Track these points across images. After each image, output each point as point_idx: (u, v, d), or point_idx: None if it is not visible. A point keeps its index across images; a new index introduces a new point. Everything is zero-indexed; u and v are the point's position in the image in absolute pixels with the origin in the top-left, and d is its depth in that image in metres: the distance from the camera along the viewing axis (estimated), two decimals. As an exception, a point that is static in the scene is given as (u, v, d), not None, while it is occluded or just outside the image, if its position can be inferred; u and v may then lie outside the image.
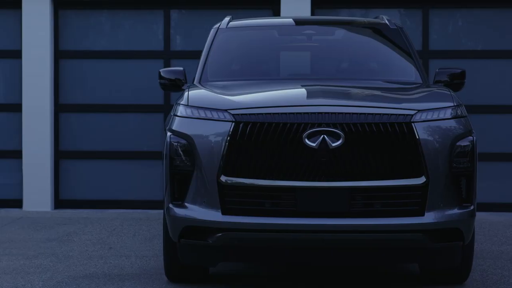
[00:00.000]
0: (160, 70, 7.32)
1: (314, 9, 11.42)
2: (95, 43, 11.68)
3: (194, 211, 5.88)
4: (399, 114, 5.79)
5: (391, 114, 5.78)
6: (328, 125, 5.70)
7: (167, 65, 11.51)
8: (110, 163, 11.70)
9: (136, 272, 7.04)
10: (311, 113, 5.74)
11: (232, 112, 5.84)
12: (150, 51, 11.63)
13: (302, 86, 6.50)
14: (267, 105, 5.85)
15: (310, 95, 6.11)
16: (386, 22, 7.67)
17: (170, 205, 5.99)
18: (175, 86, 7.16)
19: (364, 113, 5.76)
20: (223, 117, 5.85)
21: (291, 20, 7.99)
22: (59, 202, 11.62)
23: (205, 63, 7.30)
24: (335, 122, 5.70)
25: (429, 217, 5.76)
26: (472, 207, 5.93)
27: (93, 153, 11.67)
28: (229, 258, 6.11)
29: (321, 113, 5.74)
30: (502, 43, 11.49)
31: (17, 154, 11.51)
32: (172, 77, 7.21)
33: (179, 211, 5.94)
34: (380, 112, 5.78)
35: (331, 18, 8.61)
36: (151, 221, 10.06)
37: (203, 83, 7.03)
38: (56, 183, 11.61)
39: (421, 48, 11.45)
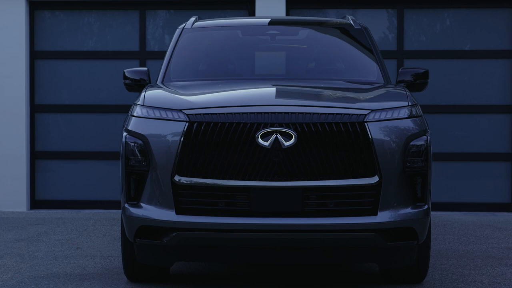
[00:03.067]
0: (125, 71, 7.33)
1: (289, 9, 11.46)
2: (70, 44, 11.69)
3: (149, 211, 5.89)
4: (352, 114, 5.80)
5: (344, 114, 5.79)
6: (281, 125, 5.71)
7: (143, 65, 11.55)
8: (87, 164, 11.71)
9: (98, 272, 7.05)
10: (264, 113, 5.75)
11: (186, 112, 5.85)
12: (126, 51, 11.66)
13: (259, 86, 6.53)
14: (221, 105, 5.86)
15: (264, 95, 6.13)
16: (351, 22, 7.69)
17: (126, 205, 6.01)
18: (140, 86, 7.17)
19: (317, 113, 5.77)
20: (177, 117, 5.86)
21: (256, 20, 8.00)
22: (35, 203, 11.64)
23: (168, 63, 7.33)
24: (288, 122, 5.71)
25: (382, 217, 5.77)
26: (426, 207, 5.93)
27: (70, 154, 11.68)
28: (185, 257, 6.11)
29: (274, 113, 5.75)
30: (481, 43, 11.53)
31: (-7, 155, 11.54)
32: (137, 78, 7.23)
33: (134, 211, 5.95)
34: (333, 112, 5.79)
35: (295, 18, 8.62)
36: (124, 221, 10.05)
37: (165, 83, 7.05)
38: (32, 183, 11.62)
39: (396, 48, 11.49)
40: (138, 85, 7.18)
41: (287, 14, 11.41)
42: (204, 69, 7.37)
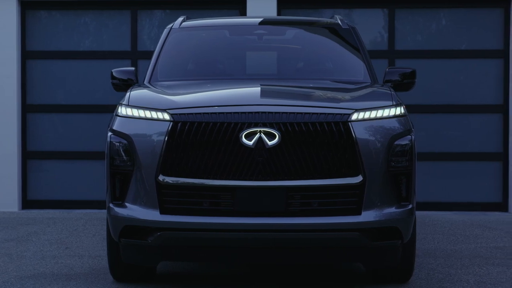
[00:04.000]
0: (112, 70, 7.34)
1: (280, 9, 11.46)
2: (62, 44, 11.70)
3: (134, 211, 5.89)
4: (336, 114, 5.80)
5: (328, 114, 5.79)
6: (264, 124, 5.70)
7: (134, 65, 11.54)
8: (79, 164, 11.72)
9: (85, 272, 7.05)
10: (248, 112, 5.75)
11: (171, 112, 5.85)
12: (118, 51, 11.67)
13: (244, 86, 6.53)
14: (205, 105, 5.87)
15: (248, 94, 6.13)
16: (339, 22, 7.69)
17: (111, 205, 6.01)
18: (128, 86, 7.16)
19: (301, 113, 5.76)
20: (161, 117, 5.86)
21: (243, 20, 8.01)
22: (27, 203, 11.64)
23: (155, 63, 7.33)
24: (272, 121, 5.71)
25: (366, 216, 5.77)
26: (410, 206, 5.93)
27: (62, 154, 11.69)
28: (170, 257, 6.12)
29: (258, 112, 5.75)
30: (474, 42, 11.54)
31: (-16, 155, 11.54)
32: (124, 77, 7.23)
33: (119, 210, 5.96)
34: (317, 112, 5.78)
35: (283, 18, 8.64)
36: (115, 221, 10.03)
37: (152, 83, 7.06)
38: (23, 183, 11.62)
39: (387, 48, 11.51)
40: (125, 85, 7.18)
41: (279, 14, 11.42)
42: (190, 69, 7.38)
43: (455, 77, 11.51)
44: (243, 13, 11.44)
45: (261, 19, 7.89)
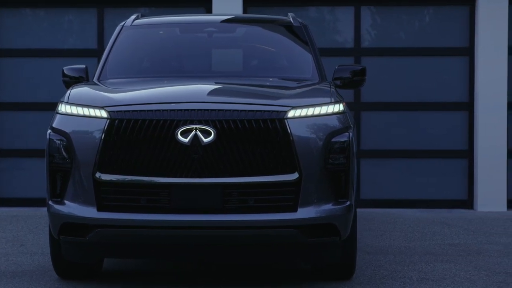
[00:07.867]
0: (64, 68, 7.36)
1: (246, 8, 11.47)
2: (32, 42, 11.71)
3: (72, 208, 5.92)
4: (273, 111, 5.82)
5: (265, 111, 5.81)
6: (200, 122, 5.73)
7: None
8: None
9: (32, 269, 7.06)
10: (184, 110, 5.77)
11: (108, 109, 5.87)
12: (86, 49, 11.67)
13: (186, 83, 6.53)
14: (142, 102, 5.89)
15: (186, 92, 6.14)
16: (291, 19, 7.71)
17: (50, 202, 6.04)
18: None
19: (237, 110, 5.79)
20: (99, 114, 5.88)
21: (196, 17, 8.02)
22: (-3, 200, 11.67)
23: (105, 60, 7.34)
24: (207, 119, 5.73)
25: (302, 213, 5.79)
26: (348, 203, 5.94)
27: (33, 152, 11.68)
28: (108, 254, 6.16)
29: (194, 110, 5.77)
30: (439, 40, 11.57)
31: (-48, 153, 11.55)
32: (76, 75, 7.25)
33: (58, 207, 5.98)
34: (253, 109, 5.80)
35: (235, 16, 8.63)
36: (77, 219, 10.03)
37: (101, 80, 7.06)
38: (-7, 181, 11.64)
39: (353, 46, 11.53)
40: (76, 83, 7.18)
41: (245, 12, 11.43)
42: (139, 66, 7.39)
43: (420, 75, 11.51)
44: (209, 11, 11.45)
45: (213, 16, 7.91)
